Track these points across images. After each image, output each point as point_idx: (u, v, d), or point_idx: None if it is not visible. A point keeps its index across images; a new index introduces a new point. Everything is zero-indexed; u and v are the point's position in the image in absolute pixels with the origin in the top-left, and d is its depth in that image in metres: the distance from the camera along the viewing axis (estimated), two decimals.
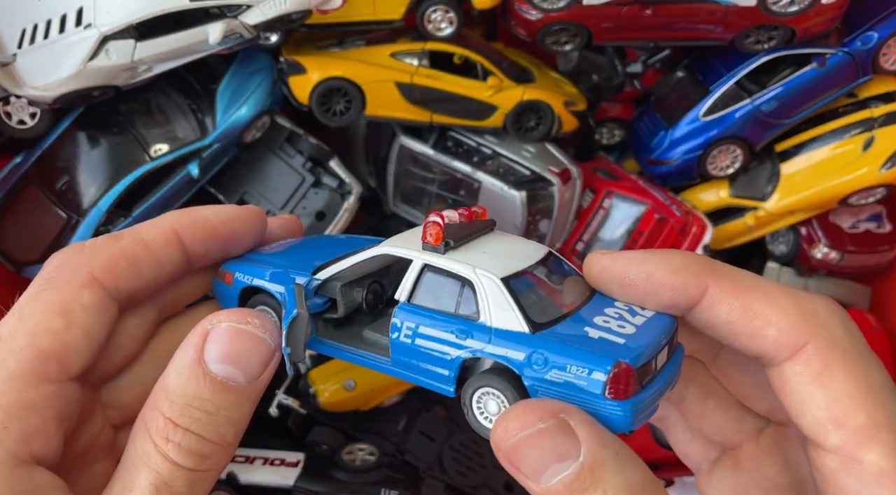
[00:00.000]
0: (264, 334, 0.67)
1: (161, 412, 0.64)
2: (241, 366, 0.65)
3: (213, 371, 0.64)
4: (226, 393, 0.64)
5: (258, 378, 0.67)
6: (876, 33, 1.81)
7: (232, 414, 0.65)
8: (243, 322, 0.66)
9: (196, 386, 0.64)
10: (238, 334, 0.66)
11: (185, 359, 0.65)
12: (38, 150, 1.73)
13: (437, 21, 1.80)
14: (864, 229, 2.06)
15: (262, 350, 0.67)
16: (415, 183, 1.97)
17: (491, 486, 1.88)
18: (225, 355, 0.65)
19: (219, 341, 0.65)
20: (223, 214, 0.77)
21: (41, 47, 1.52)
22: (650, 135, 2.02)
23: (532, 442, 0.59)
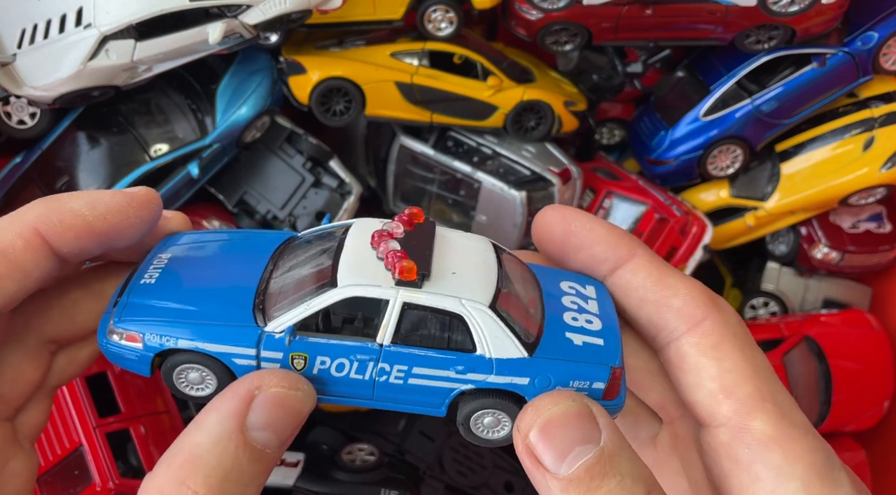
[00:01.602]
0: (309, 400, 0.62)
1: (191, 487, 0.56)
2: (279, 433, 0.60)
3: (255, 438, 0.58)
4: (261, 461, 0.59)
5: (289, 440, 0.62)
6: (876, 33, 1.81)
7: (264, 480, 0.60)
8: (294, 388, 0.61)
9: (235, 456, 0.57)
10: (285, 401, 0.60)
11: (226, 426, 0.58)
12: (37, 150, 1.73)
13: (437, 21, 1.80)
14: (865, 229, 2.06)
15: (301, 418, 0.62)
16: (415, 183, 1.97)
17: (491, 486, 1.88)
18: (268, 423, 0.59)
19: (266, 408, 0.59)
20: (100, 206, 0.66)
21: (41, 47, 1.52)
22: (650, 135, 2.02)
23: (559, 422, 0.60)
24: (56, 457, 1.59)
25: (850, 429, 1.98)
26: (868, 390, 1.96)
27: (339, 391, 0.68)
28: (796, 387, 1.92)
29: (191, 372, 0.67)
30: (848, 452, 1.94)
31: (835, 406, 1.94)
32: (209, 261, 0.74)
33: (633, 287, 0.71)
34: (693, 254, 1.89)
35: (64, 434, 1.60)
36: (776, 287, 2.11)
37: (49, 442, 1.61)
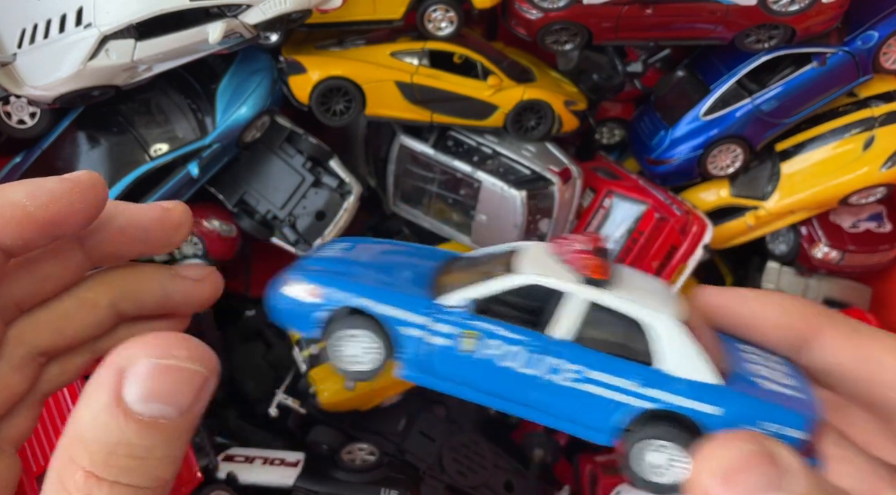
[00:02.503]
0: (195, 365, 0.56)
1: (79, 464, 0.53)
2: (172, 402, 0.54)
3: (138, 411, 0.53)
4: (157, 433, 0.54)
5: (193, 407, 0.56)
6: (876, 32, 1.81)
7: (168, 452, 0.55)
8: (167, 356, 0.55)
9: (118, 430, 0.53)
10: (163, 371, 0.54)
11: (99, 401, 0.53)
12: (37, 150, 1.73)
13: (438, 20, 1.80)
14: (865, 229, 2.06)
15: (194, 381, 0.56)
16: (415, 182, 1.97)
17: (491, 486, 1.88)
18: (151, 394, 0.54)
19: (140, 380, 0.54)
20: (41, 194, 0.62)
21: (41, 47, 1.52)
22: (650, 134, 2.02)
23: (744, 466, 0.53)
24: None
25: None
26: None
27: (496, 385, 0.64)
28: None
29: (349, 344, 0.66)
30: None
31: None
32: (385, 254, 0.76)
33: (829, 367, 0.65)
34: (693, 253, 1.89)
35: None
36: (776, 286, 2.11)
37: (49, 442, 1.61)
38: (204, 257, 1.89)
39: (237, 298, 2.14)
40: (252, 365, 2.05)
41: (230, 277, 2.13)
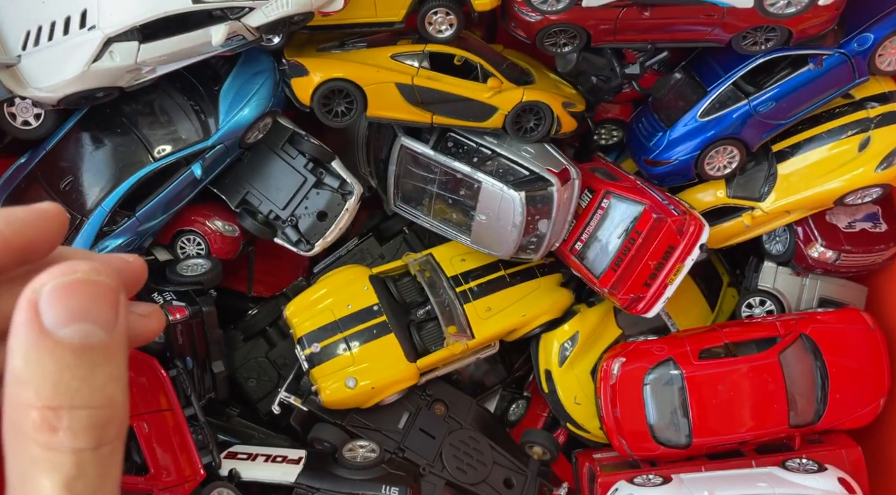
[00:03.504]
0: (99, 277, 0.55)
1: (30, 404, 0.53)
2: (95, 319, 0.54)
3: (65, 337, 0.53)
4: (92, 353, 0.54)
5: (116, 324, 0.56)
6: (872, 35, 1.83)
7: (110, 370, 0.55)
8: (70, 272, 0.54)
9: (54, 360, 0.53)
10: (71, 287, 0.54)
11: (25, 340, 0.54)
12: (42, 151, 1.75)
13: (438, 23, 1.81)
14: (861, 229, 2.07)
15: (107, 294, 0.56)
16: (415, 183, 1.99)
17: (491, 483, 1.90)
18: (71, 315, 0.54)
19: (53, 303, 0.54)
20: (15, 222, 0.63)
21: (45, 49, 1.53)
22: (648, 135, 2.03)
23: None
24: None
25: (847, 427, 2.00)
26: (864, 388, 1.98)
27: None
28: (793, 385, 1.94)
29: None
30: (844, 449, 1.96)
31: (831, 403, 1.96)
32: None
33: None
34: (690, 253, 1.90)
35: None
36: (773, 286, 2.13)
37: None
38: (207, 257, 1.90)
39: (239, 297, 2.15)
40: (254, 363, 2.07)
41: (232, 277, 2.15)
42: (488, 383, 2.20)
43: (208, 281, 1.81)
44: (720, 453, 1.96)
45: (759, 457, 1.93)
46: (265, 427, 2.00)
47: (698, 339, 1.99)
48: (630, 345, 2.03)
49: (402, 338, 1.91)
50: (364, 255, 2.15)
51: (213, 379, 1.87)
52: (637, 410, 1.94)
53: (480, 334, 1.95)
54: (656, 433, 1.93)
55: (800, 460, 1.88)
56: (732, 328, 2.04)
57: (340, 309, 1.91)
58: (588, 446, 2.14)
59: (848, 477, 1.83)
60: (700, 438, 1.92)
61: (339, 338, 1.90)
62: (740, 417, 1.92)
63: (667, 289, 1.92)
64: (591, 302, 2.13)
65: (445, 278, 1.97)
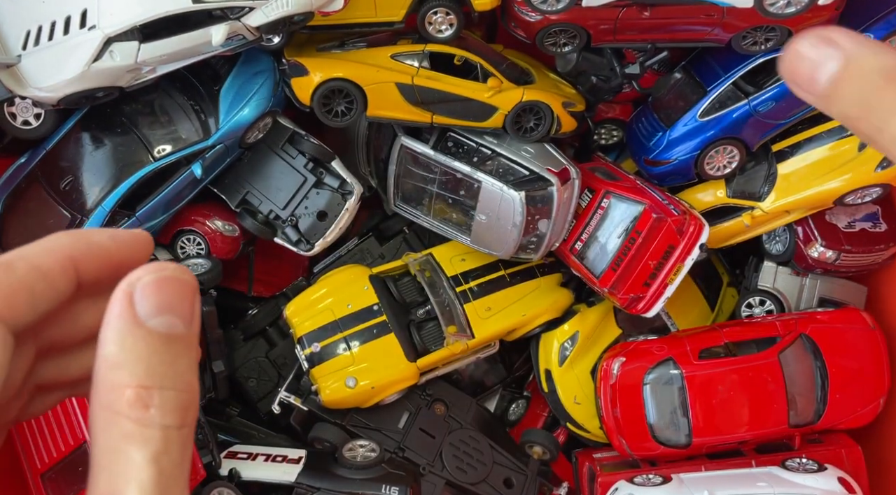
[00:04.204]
0: (182, 274, 0.64)
1: (125, 384, 0.59)
2: (179, 313, 0.63)
3: (154, 326, 0.61)
4: (175, 343, 0.62)
5: (192, 321, 0.64)
6: (872, 34, 1.82)
7: (189, 362, 0.62)
8: (161, 270, 0.63)
9: (146, 344, 0.61)
10: (163, 283, 0.63)
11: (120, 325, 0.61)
12: (42, 151, 1.75)
13: (438, 23, 1.81)
14: (860, 228, 2.07)
15: (187, 290, 0.63)
16: (415, 183, 1.99)
17: (491, 483, 1.90)
18: (160, 307, 0.62)
19: (147, 295, 0.62)
20: (118, 239, 0.72)
21: (46, 49, 1.53)
22: (648, 135, 2.04)
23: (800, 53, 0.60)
24: (60, 454, 1.60)
25: (846, 426, 2.00)
26: (864, 387, 1.98)
27: None
28: (793, 385, 1.94)
29: None
30: (844, 449, 1.96)
31: (831, 403, 1.96)
32: None
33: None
34: (690, 253, 1.90)
35: (68, 430, 1.61)
36: (773, 286, 2.13)
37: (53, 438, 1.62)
38: (207, 257, 1.91)
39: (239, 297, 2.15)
40: (254, 363, 2.07)
41: (232, 277, 2.15)
42: (488, 383, 2.20)
43: (208, 281, 1.81)
44: (720, 453, 1.96)
45: (758, 457, 1.93)
46: (265, 426, 2.00)
47: (698, 339, 1.99)
48: (630, 344, 2.03)
49: (402, 337, 1.91)
50: (364, 255, 2.15)
51: (213, 379, 1.88)
52: (637, 410, 1.94)
53: (480, 334, 1.96)
54: (656, 432, 1.94)
55: (799, 460, 1.88)
56: (732, 328, 2.04)
57: (340, 308, 1.91)
58: (588, 446, 2.14)
59: (848, 477, 1.83)
60: (700, 438, 1.92)
61: (339, 337, 1.90)
62: (740, 417, 1.92)
63: (667, 289, 1.92)
64: (591, 301, 2.13)
65: (445, 278, 1.97)
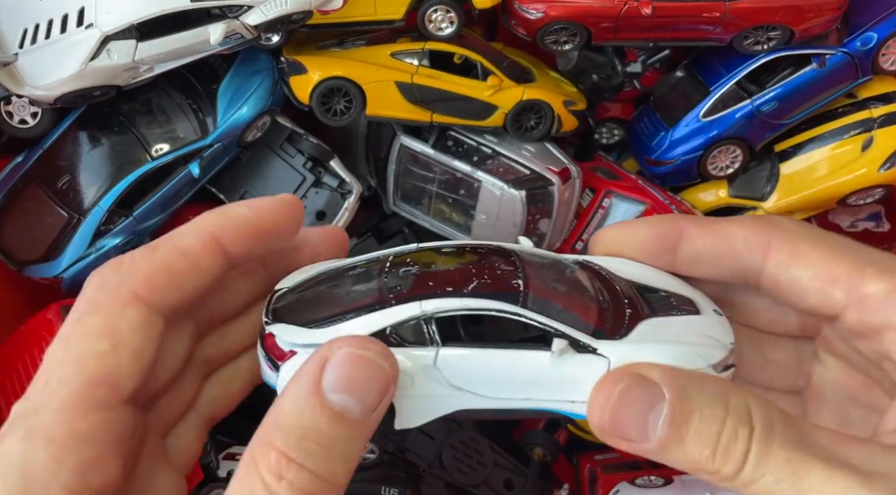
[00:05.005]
0: (383, 361, 0.63)
1: (273, 446, 0.60)
2: (359, 397, 0.61)
3: (331, 400, 0.61)
4: (342, 427, 0.61)
5: (374, 411, 0.63)
6: (875, 34, 1.82)
7: (346, 450, 0.62)
8: (363, 347, 0.63)
9: (313, 416, 0.60)
10: (358, 361, 0.62)
11: (302, 387, 0.61)
12: (39, 150, 1.74)
13: (438, 21, 1.80)
14: (863, 228, 2.07)
15: (380, 379, 0.63)
16: (415, 182, 1.98)
17: (491, 485, 1.89)
18: (343, 384, 0.61)
19: (338, 368, 0.61)
20: (260, 209, 0.74)
21: (43, 47, 1.52)
22: (650, 135, 2.02)
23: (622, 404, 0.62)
24: None
25: None
26: None
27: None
28: None
29: None
30: None
31: None
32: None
33: (701, 254, 0.77)
34: None
35: None
36: None
37: None
38: None
39: None
40: None
41: None
42: None
43: None
44: None
45: None
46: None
47: None
48: None
49: None
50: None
51: None
52: None
53: None
54: None
55: None
56: None
57: None
58: (589, 447, 2.13)
59: None
60: None
61: None
62: None
63: None
64: None
65: None
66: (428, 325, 0.71)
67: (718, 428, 0.60)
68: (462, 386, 0.72)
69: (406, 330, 0.71)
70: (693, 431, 0.60)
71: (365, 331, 0.70)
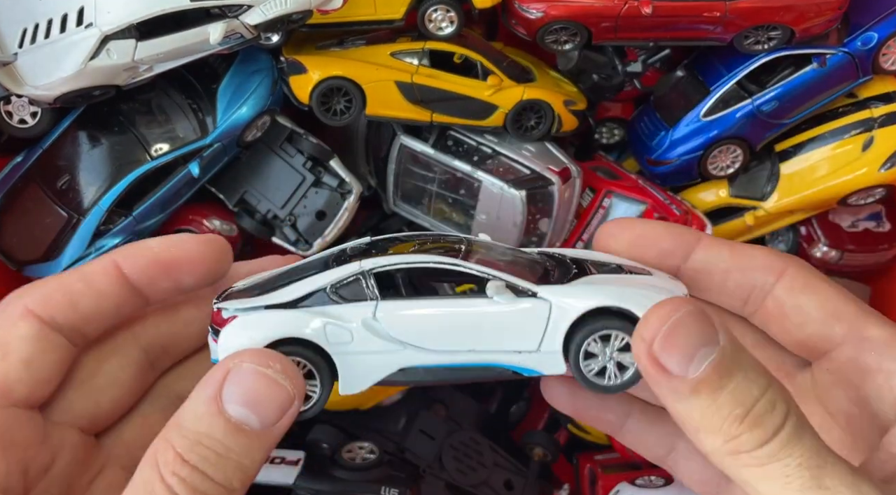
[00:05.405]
0: (285, 381, 0.66)
1: (172, 444, 0.63)
2: (258, 412, 0.64)
3: (229, 411, 0.63)
4: (238, 437, 0.63)
5: (273, 426, 0.65)
6: (876, 33, 1.81)
7: (242, 460, 0.64)
8: (265, 365, 0.65)
9: (210, 424, 0.63)
10: (259, 377, 0.64)
11: (203, 395, 0.64)
12: (38, 149, 1.73)
13: (438, 20, 1.80)
14: (864, 228, 2.07)
15: (280, 397, 0.65)
16: (415, 182, 1.98)
17: (491, 485, 1.89)
18: (243, 397, 0.63)
19: (239, 382, 0.64)
20: (169, 244, 0.77)
21: (42, 46, 1.52)
22: (650, 135, 2.02)
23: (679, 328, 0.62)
24: None
25: None
26: None
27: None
28: None
29: None
30: None
31: None
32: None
33: (714, 263, 0.78)
34: None
35: None
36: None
37: None
38: None
39: None
40: None
41: None
42: (488, 384, 2.19)
43: None
44: None
45: None
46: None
47: None
48: None
49: None
50: None
51: None
52: None
53: None
54: None
55: None
56: None
57: None
58: (589, 447, 2.13)
59: None
60: None
61: None
62: None
63: None
64: None
65: None
66: (367, 280, 0.73)
67: (759, 394, 0.60)
68: (403, 338, 0.73)
69: (346, 289, 0.73)
70: (733, 386, 0.59)
71: (304, 291, 0.72)
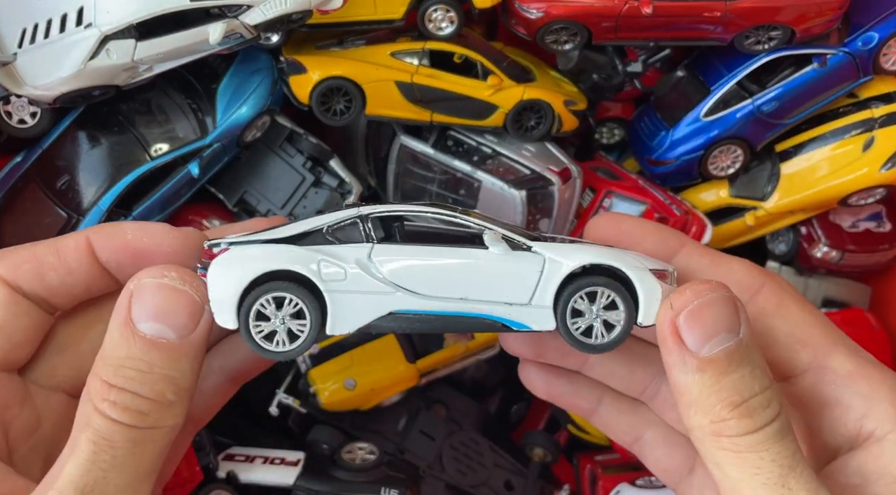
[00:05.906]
0: (184, 286, 0.67)
1: (98, 376, 0.65)
2: (169, 322, 0.65)
3: (142, 330, 0.65)
4: (158, 352, 0.65)
5: (190, 333, 0.66)
6: (877, 33, 1.81)
7: (169, 371, 0.65)
8: (160, 275, 0.66)
9: (126, 346, 0.65)
10: (159, 290, 0.66)
11: (116, 322, 0.66)
12: (38, 150, 1.73)
13: (438, 20, 1.80)
14: (864, 228, 2.07)
15: (186, 303, 0.66)
16: (415, 182, 1.97)
17: (491, 485, 1.89)
18: (151, 313, 0.65)
19: (143, 300, 0.65)
20: (140, 229, 0.78)
21: (42, 47, 1.52)
22: (651, 135, 2.02)
23: (709, 308, 0.65)
24: None
25: None
26: None
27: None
28: None
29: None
30: None
31: None
32: None
33: (692, 270, 0.80)
34: None
35: None
36: None
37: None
38: None
39: None
40: None
41: None
42: (488, 384, 2.19)
43: None
44: None
45: None
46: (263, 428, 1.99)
47: None
48: None
49: (401, 338, 1.89)
50: None
51: None
52: None
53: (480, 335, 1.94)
54: None
55: None
56: None
57: None
58: (589, 448, 2.13)
59: None
60: None
61: (338, 338, 1.88)
62: None
63: None
64: None
65: None
66: (364, 223, 0.74)
67: (759, 389, 0.64)
68: (396, 281, 0.73)
69: (342, 231, 0.74)
70: (738, 376, 0.63)
71: (301, 230, 0.74)
